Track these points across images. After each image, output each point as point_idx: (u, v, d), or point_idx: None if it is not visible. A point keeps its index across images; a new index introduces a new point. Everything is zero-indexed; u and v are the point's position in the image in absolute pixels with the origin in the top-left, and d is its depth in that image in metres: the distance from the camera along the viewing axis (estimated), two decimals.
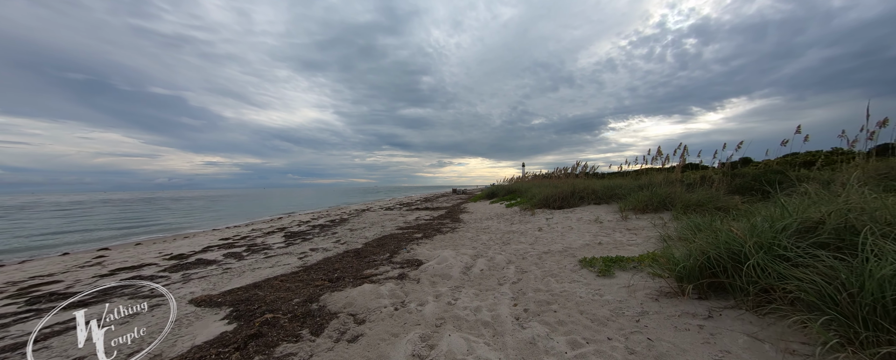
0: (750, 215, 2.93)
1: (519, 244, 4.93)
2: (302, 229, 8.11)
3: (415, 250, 5.05)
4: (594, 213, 6.98)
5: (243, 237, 7.16)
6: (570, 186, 8.70)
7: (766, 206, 3.25)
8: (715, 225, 2.68)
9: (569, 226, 6.02)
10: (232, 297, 2.95)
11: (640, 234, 4.81)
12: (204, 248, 5.86)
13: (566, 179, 10.27)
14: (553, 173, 16.65)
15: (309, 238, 6.54)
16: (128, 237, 8.51)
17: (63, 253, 6.26)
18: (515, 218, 7.92)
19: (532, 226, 6.46)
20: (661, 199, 5.99)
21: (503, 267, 3.73)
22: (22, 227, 11.64)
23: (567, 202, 8.32)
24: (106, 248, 6.59)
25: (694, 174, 6.98)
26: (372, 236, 6.60)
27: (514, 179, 22.78)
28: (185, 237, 7.82)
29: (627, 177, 9.68)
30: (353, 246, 5.47)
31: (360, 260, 4.39)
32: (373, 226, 8.27)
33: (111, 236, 8.82)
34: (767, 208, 2.95)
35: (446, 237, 6.08)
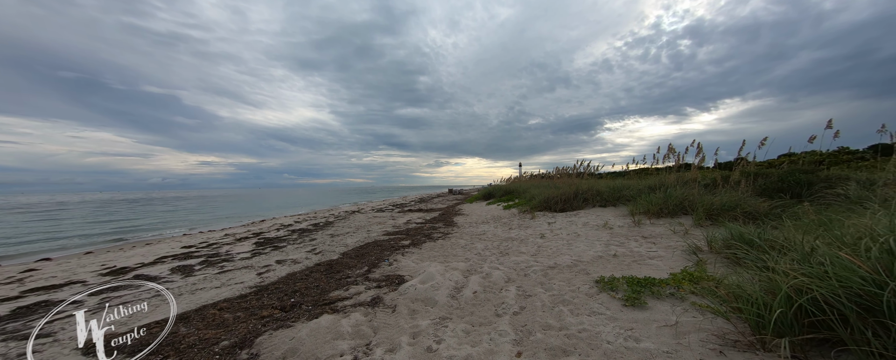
0: (826, 227, 2.24)
1: (519, 255, 4.24)
2: (278, 235, 7.34)
3: (398, 262, 4.33)
4: (601, 217, 6.31)
5: (209, 245, 6.39)
6: (572, 186, 8.04)
7: (839, 215, 2.57)
8: (798, 244, 1.98)
9: (574, 232, 5.34)
10: (137, 341, 2.21)
11: (660, 243, 4.14)
12: (157, 259, 5.09)
13: (567, 179, 9.62)
14: (552, 173, 16.03)
15: (281, 246, 5.79)
16: (86, 245, 7.67)
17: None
18: (514, 222, 7.24)
19: (533, 232, 5.77)
20: (677, 202, 5.33)
21: (501, 288, 3.03)
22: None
23: (570, 205, 7.65)
24: (47, 258, 5.78)
25: (710, 174, 6.34)
26: (353, 243, 5.86)
27: (512, 179, 22.15)
28: (148, 244, 7.02)
29: (631, 177, 9.06)
30: (328, 257, 4.74)
31: (330, 277, 3.67)
32: (358, 231, 7.53)
33: (67, 245, 7.98)
34: (848, 217, 2.27)
35: (437, 245, 5.37)
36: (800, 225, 2.61)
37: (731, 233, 3.01)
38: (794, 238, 2.09)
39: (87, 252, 6.39)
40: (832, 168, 5.44)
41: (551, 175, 17.30)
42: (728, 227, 3.29)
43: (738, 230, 2.96)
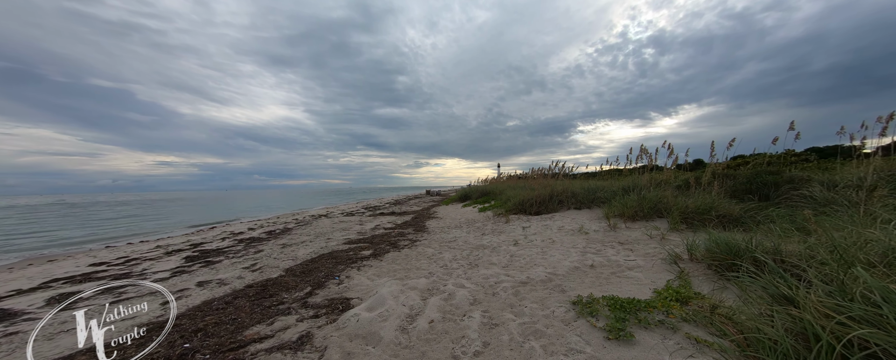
0: (817, 234, 1.95)
1: (489, 267, 3.77)
2: (220, 246, 6.39)
3: (351, 279, 3.71)
4: (577, 220, 6.04)
5: (127, 261, 5.34)
6: (547, 188, 7.78)
7: (829, 221, 2.33)
8: (828, 266, 1.63)
9: (549, 238, 4.98)
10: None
11: (638, 250, 3.85)
12: (44, 283, 4.05)
13: (542, 180, 9.40)
14: (529, 174, 15.95)
15: (215, 262, 4.92)
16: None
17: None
18: (488, 227, 6.81)
19: (506, 238, 5.35)
20: (652, 204, 5.15)
21: (465, 314, 2.52)
22: None
23: (545, 207, 7.37)
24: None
25: (682, 176, 6.29)
26: (305, 255, 5.12)
27: (490, 179, 22.00)
28: (50, 261, 5.79)
29: (604, 178, 9.00)
30: (267, 275, 4.00)
31: (257, 304, 2.97)
32: (316, 239, 6.75)
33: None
34: (842, 222, 2.00)
35: (401, 256, 4.78)
36: (786, 231, 2.34)
37: (716, 242, 2.71)
38: (815, 252, 1.76)
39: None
40: (792, 169, 5.52)
41: (527, 176, 17.27)
42: (710, 233, 3.01)
43: (723, 239, 2.66)
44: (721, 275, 2.59)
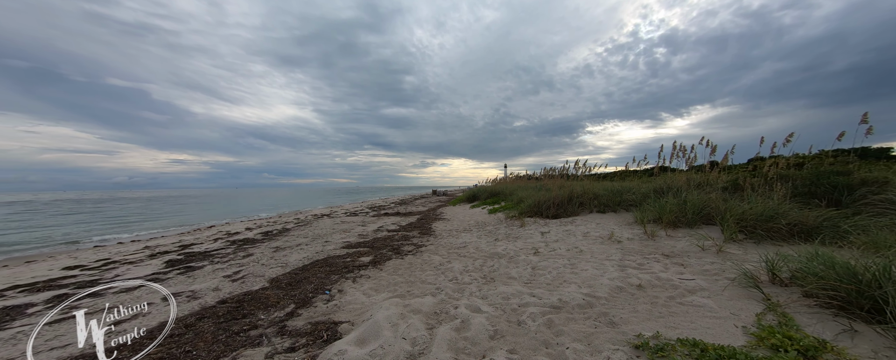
0: None
1: (509, 283, 3.13)
2: (211, 248, 5.90)
3: (343, 294, 3.11)
4: (603, 225, 5.33)
5: (106, 263, 4.88)
6: (565, 189, 7.07)
7: None
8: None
9: (575, 246, 4.30)
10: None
11: (691, 265, 3.15)
12: (7, 287, 3.58)
13: (558, 180, 8.69)
14: (539, 174, 15.18)
15: (198, 267, 4.40)
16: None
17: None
18: (501, 230, 6.15)
19: (524, 245, 4.69)
20: (696, 209, 4.41)
21: (483, 356, 1.89)
22: None
23: (564, 210, 6.66)
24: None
25: (726, 176, 5.50)
26: (297, 261, 4.56)
27: (497, 180, 21.28)
28: (28, 262, 5.38)
29: (619, 179, 8.23)
30: (249, 286, 3.43)
31: (223, 328, 2.40)
32: (313, 242, 6.20)
33: None
34: None
35: (404, 264, 4.17)
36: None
37: (825, 264, 2.00)
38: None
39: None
40: (861, 170, 4.70)
41: (538, 176, 16.49)
42: (825, 256, 2.29)
43: (840, 263, 1.95)
44: (839, 311, 1.89)
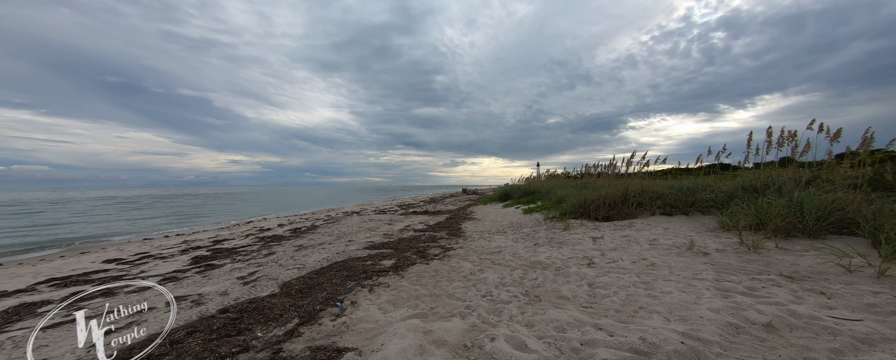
0: None
1: (561, 304, 2.40)
2: (239, 245, 5.86)
3: (356, 307, 2.62)
4: (674, 231, 4.31)
5: (141, 258, 4.97)
6: (619, 187, 6.02)
7: None
8: None
9: (642, 257, 3.41)
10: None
11: (839, 294, 2.16)
12: (38, 283, 3.64)
13: (607, 178, 7.57)
14: (579, 171, 13.82)
15: (217, 266, 4.24)
16: (22, 252, 6.55)
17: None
18: (540, 234, 5.34)
19: (573, 252, 3.87)
20: (819, 213, 3.26)
21: None
22: None
23: (618, 211, 5.64)
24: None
25: (856, 170, 4.13)
26: (315, 262, 4.22)
27: (531, 178, 20.04)
28: (83, 253, 5.74)
29: (673, 177, 6.87)
30: (258, 291, 3.09)
31: (210, 348, 2.00)
32: (337, 241, 5.91)
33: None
34: None
35: (428, 271, 3.61)
36: None
37: None
38: None
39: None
40: None
41: (577, 174, 15.09)
42: None
43: None
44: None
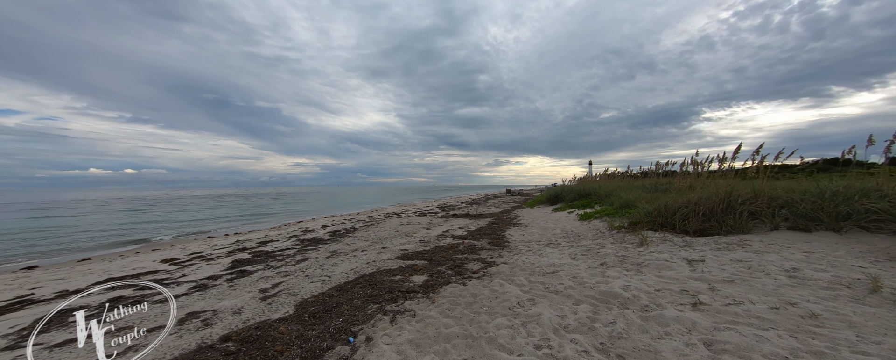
0: None
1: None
2: (278, 248, 5.89)
3: (370, 347, 2.07)
4: (824, 257, 2.95)
5: (194, 258, 5.21)
6: (720, 189, 4.58)
7: None
8: None
9: (786, 300, 2.26)
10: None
11: None
12: (75, 289, 3.87)
13: (690, 177, 6.01)
14: (644, 170, 11.76)
15: (248, 272, 4.14)
16: (115, 246, 7.60)
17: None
18: (606, 248, 4.27)
19: (660, 281, 2.82)
20: None
21: None
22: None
23: (718, 222, 4.26)
24: (35, 265, 5.37)
25: None
26: (342, 273, 3.84)
27: (585, 177, 18.00)
28: (155, 250, 6.33)
29: (774, 177, 4.99)
30: (272, 311, 2.76)
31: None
32: (371, 247, 5.57)
33: (100, 245, 8.09)
34: None
35: (465, 294, 2.93)
36: None
37: None
38: None
39: (84, 259, 5.96)
40: None
41: (641, 173, 12.92)
42: None
43: None
44: None
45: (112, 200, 37.20)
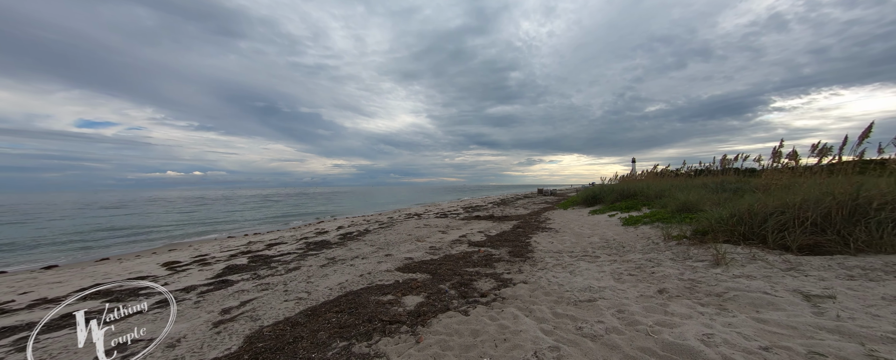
0: None
1: None
2: (282, 251, 5.58)
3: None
4: None
5: (196, 261, 5.02)
6: (843, 189, 3.25)
7: None
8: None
9: None
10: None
11: None
12: (58, 296, 3.70)
13: (781, 174, 4.57)
14: (707, 166, 9.85)
15: (231, 282, 3.74)
16: (146, 243, 7.94)
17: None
18: (665, 265, 3.18)
19: (761, 329, 1.77)
20: None
21: None
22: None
23: (839, 234, 2.96)
24: (54, 265, 5.57)
25: None
26: (325, 289, 3.25)
27: (628, 176, 16.01)
28: (171, 250, 6.38)
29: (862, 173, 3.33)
30: (224, 340, 2.21)
31: None
32: (373, 254, 4.98)
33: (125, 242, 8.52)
34: None
35: (465, 329, 2.15)
36: None
37: None
38: None
39: (102, 259, 6.13)
40: None
41: (685, 173, 10.94)
42: None
43: None
44: None
45: (178, 199, 41.79)
